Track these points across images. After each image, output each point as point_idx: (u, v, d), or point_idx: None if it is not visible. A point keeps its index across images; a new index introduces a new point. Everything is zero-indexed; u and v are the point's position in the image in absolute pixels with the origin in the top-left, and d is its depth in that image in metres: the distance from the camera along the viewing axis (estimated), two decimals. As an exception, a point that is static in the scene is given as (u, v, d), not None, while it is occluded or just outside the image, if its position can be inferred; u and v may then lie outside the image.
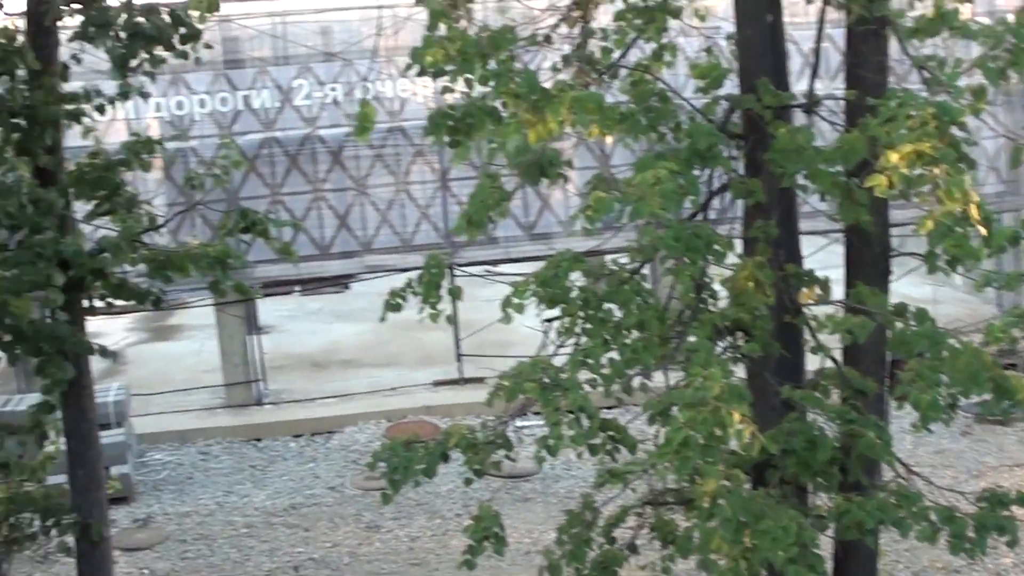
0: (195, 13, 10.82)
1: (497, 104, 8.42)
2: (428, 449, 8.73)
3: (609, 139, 8.72)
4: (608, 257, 9.55)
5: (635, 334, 8.43)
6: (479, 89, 8.58)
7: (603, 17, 10.61)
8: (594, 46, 10.05)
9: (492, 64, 8.48)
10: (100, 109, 12.26)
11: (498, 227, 23.40)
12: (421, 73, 8.58)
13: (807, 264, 9.54)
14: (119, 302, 12.77)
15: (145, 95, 12.63)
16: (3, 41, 11.38)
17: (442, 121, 8.55)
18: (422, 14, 9.02)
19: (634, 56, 9.71)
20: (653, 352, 8.31)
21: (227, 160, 12.90)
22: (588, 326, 8.52)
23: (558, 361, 8.61)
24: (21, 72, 11.89)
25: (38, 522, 12.66)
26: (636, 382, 8.72)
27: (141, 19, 11.71)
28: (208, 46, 12.26)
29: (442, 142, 8.64)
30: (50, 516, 12.54)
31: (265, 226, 12.65)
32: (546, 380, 8.33)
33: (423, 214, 23.72)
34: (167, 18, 11.84)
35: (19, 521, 12.72)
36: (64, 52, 12.40)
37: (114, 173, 12.51)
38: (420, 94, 23.22)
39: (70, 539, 12.74)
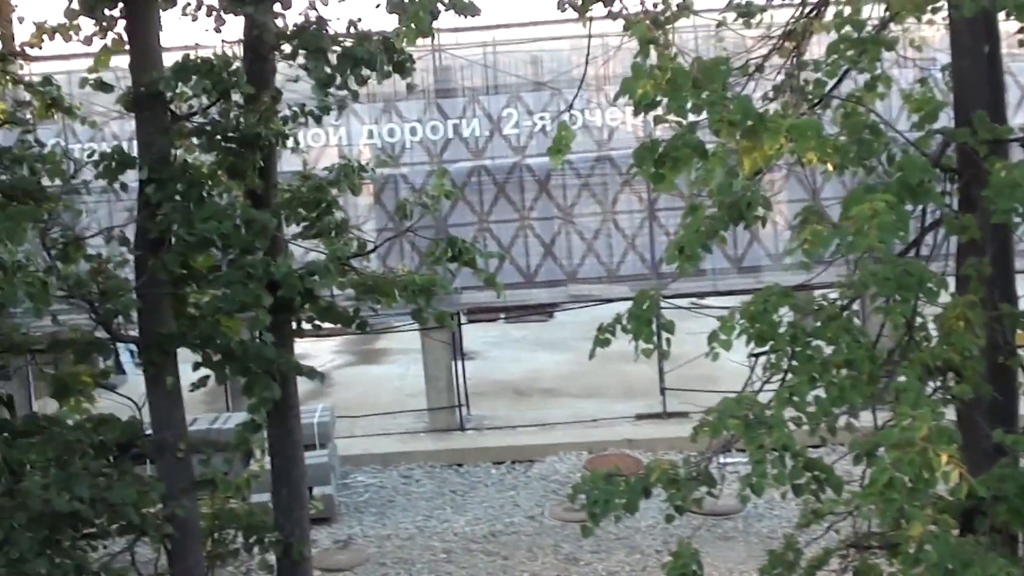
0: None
1: (705, 137, 8.38)
2: (629, 483, 8.69)
3: (829, 166, 8.55)
4: (817, 293, 9.43)
5: (843, 372, 8.28)
6: (689, 119, 8.55)
7: (816, 47, 10.51)
8: (806, 76, 9.96)
9: (704, 94, 8.45)
10: (303, 123, 12.56)
11: (706, 259, 23.36)
12: (634, 106, 8.57)
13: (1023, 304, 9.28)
14: (326, 325, 13.05)
15: (343, 107, 12.86)
16: (220, 66, 11.72)
17: (648, 154, 8.54)
18: (632, 43, 9.05)
19: (847, 87, 9.59)
20: (861, 391, 8.14)
21: (437, 189, 13.07)
22: (795, 362, 8.40)
23: (764, 397, 8.51)
24: (236, 97, 12.26)
25: (241, 539, 12.99)
26: (842, 421, 8.56)
27: (352, 44, 12.00)
28: (413, 70, 12.49)
29: (647, 175, 8.62)
30: (253, 533, 12.85)
31: (472, 256, 12.80)
32: (751, 416, 8.21)
33: (629, 244, 23.71)
34: (379, 44, 12.10)
35: (223, 537, 13.07)
36: (281, 80, 12.77)
37: (324, 194, 12.81)
38: (628, 123, 23.28)
39: (272, 557, 13.04)
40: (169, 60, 12.19)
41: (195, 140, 12.46)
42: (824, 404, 8.28)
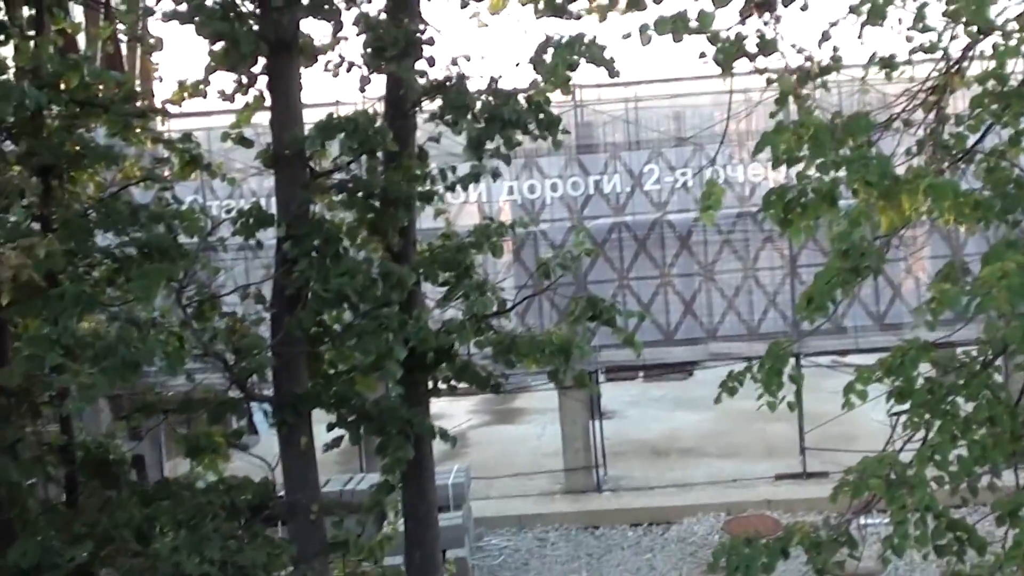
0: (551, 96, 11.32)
1: (834, 186, 8.41)
2: (768, 546, 8.69)
3: (964, 228, 8.55)
4: (959, 349, 9.36)
5: (984, 430, 8.23)
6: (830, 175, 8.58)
7: (959, 101, 10.48)
8: (949, 131, 9.93)
9: (845, 150, 8.48)
10: (451, 188, 12.72)
11: (847, 315, 23.26)
12: (774, 160, 8.62)
13: None
14: (463, 384, 13.14)
15: (496, 175, 12.97)
16: (364, 124, 11.91)
17: (777, 200, 8.58)
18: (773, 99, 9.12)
19: (990, 141, 9.55)
20: (1003, 449, 8.09)
21: (577, 246, 13.16)
22: (935, 420, 8.36)
23: (904, 456, 8.46)
24: (379, 154, 12.48)
25: (373, 602, 13.09)
26: (984, 480, 8.50)
27: (497, 103, 12.15)
28: (565, 131, 12.58)
29: (775, 220, 8.65)
30: (386, 597, 12.94)
31: (612, 315, 12.85)
32: (892, 476, 8.19)
33: (771, 301, 23.63)
34: (523, 103, 12.23)
35: (354, 600, 13.16)
36: (420, 136, 12.98)
37: (465, 255, 12.91)
38: (771, 178, 23.23)
39: (405, 619, 13.10)
40: (309, 117, 12.47)
41: (335, 197, 12.69)
42: (966, 463, 8.23)
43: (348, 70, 12.85)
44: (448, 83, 12.41)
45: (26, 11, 11.75)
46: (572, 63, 11.40)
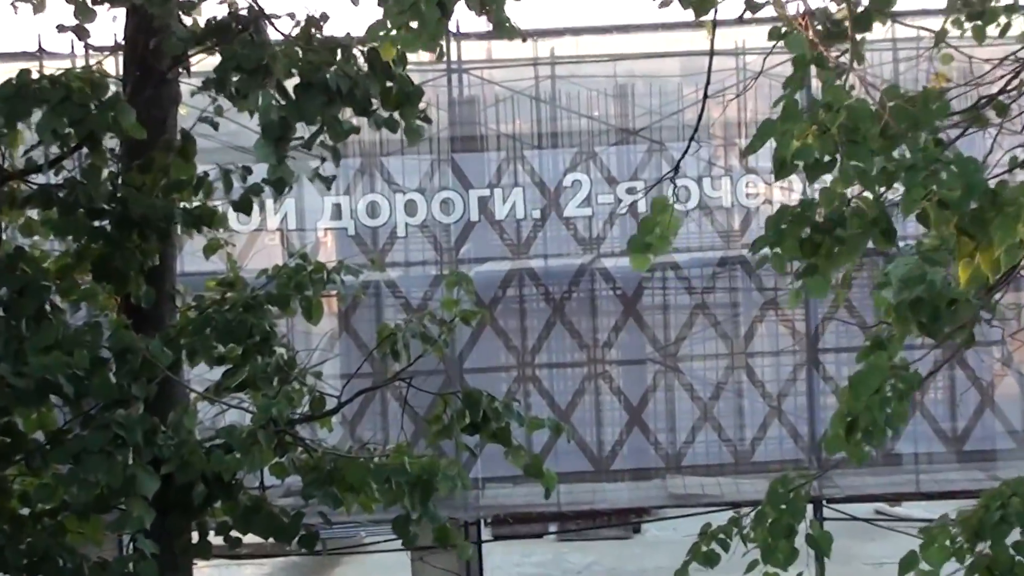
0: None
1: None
2: None
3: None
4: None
5: None
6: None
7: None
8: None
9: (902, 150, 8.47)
10: (241, 206, 12.63)
11: (902, 437, 23.29)
12: (781, 168, 8.53)
13: None
14: (251, 537, 13.02)
15: (325, 180, 12.93)
16: (83, 91, 11.75)
17: (790, 230, 8.52)
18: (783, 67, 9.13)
19: None
20: None
21: (448, 306, 13.10)
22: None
23: None
24: (112, 145, 12.36)
25: None
26: None
27: (316, 61, 12.06)
28: (425, 118, 12.52)
29: (781, 268, 8.60)
30: None
31: (506, 424, 12.79)
32: None
33: (773, 407, 23.70)
34: (361, 62, 12.16)
35: None
36: (186, 117, 12.90)
37: (258, 318, 12.82)
38: (776, 201, 23.26)
39: None
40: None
41: (35, 215, 12.54)
42: None
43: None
44: (233, 26, 12.32)
45: None
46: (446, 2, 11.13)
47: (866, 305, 20.02)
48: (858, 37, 10.04)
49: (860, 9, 10.18)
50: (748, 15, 9.86)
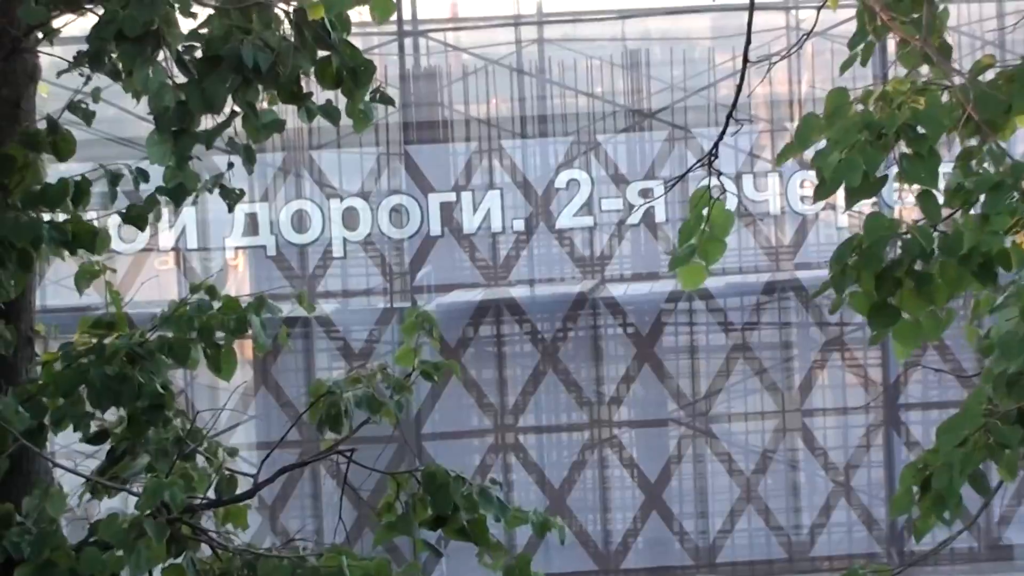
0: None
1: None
2: None
3: None
4: None
5: None
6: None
7: None
8: None
9: (999, 151, 8.47)
10: (134, 219, 12.64)
11: (1012, 520, 23.25)
12: (820, 187, 8.52)
13: None
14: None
15: (232, 196, 12.94)
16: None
17: (862, 265, 8.52)
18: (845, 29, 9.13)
19: None
20: None
21: (403, 358, 13.09)
22: None
23: None
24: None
25: None
26: None
27: (226, 23, 12.03)
28: (383, 96, 12.50)
29: (861, 310, 8.60)
30: None
31: (479, 516, 12.77)
32: None
33: (839, 484, 23.74)
34: (291, 30, 12.12)
35: None
36: (51, 101, 12.90)
37: (152, 371, 12.80)
38: (840, 208, 23.26)
39: None
40: None
41: None
42: None
43: None
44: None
45: None
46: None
47: (961, 345, 19.96)
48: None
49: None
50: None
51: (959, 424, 8.71)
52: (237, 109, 11.99)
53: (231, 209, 13.50)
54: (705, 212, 8.55)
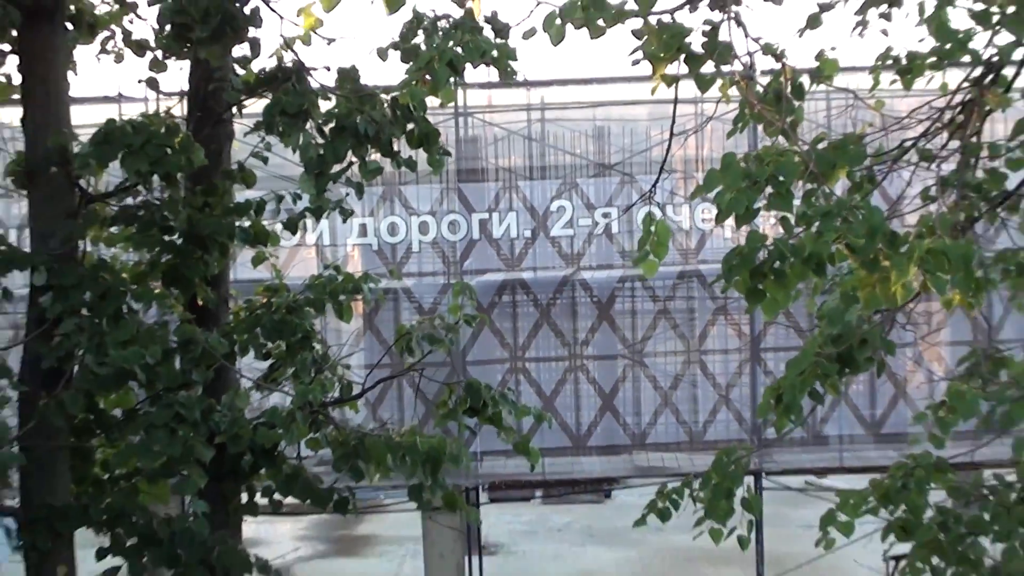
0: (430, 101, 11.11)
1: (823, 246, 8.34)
2: None
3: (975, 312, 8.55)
4: (987, 472, 9.35)
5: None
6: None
7: (997, 126, 10.49)
8: (982, 167, 9.90)
9: (830, 190, 8.44)
10: (291, 226, 12.59)
11: (828, 420, 23.28)
12: (719, 214, 8.53)
13: None
14: (289, 499, 12.95)
15: (347, 213, 12.88)
16: (161, 137, 11.69)
17: (743, 263, 8.52)
18: (732, 114, 9.08)
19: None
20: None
21: (454, 311, 13.04)
22: (948, 567, 8.34)
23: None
24: (181, 174, 12.31)
25: None
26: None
27: (350, 107, 11.99)
28: (446, 152, 12.48)
29: (742, 291, 8.57)
30: None
31: (499, 411, 12.75)
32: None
33: (722, 396, 23.60)
34: (388, 110, 12.10)
35: None
36: (240, 151, 12.86)
37: (298, 319, 12.78)
38: (728, 225, 23.24)
39: None
40: (81, 117, 12.27)
41: (116, 231, 12.52)
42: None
43: (139, 53, 12.69)
44: (279, 77, 12.27)
45: None
46: (456, 59, 10.97)
47: (801, 311, 19.98)
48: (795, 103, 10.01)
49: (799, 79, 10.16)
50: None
51: (800, 361, 8.72)
52: (354, 160, 11.98)
53: (345, 220, 13.59)
54: (652, 228, 8.57)
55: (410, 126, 12.19)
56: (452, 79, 10.83)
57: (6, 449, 11.36)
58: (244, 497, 12.70)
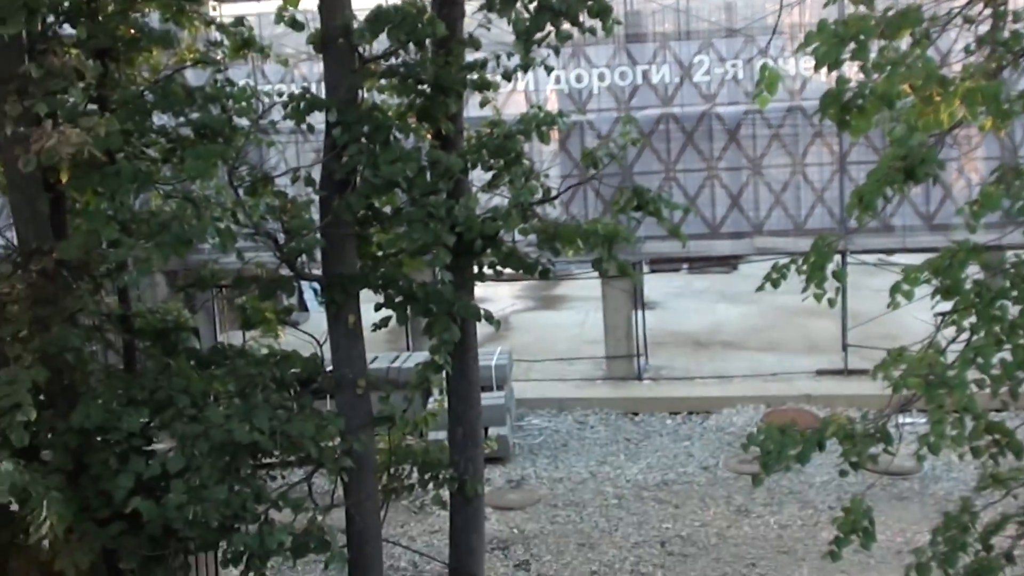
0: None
1: (891, 87, 8.19)
2: (804, 436, 8.62)
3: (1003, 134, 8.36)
4: (1010, 253, 9.20)
5: (1029, 334, 8.09)
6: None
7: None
8: (1009, 28, 9.64)
9: (898, 45, 8.27)
10: (507, 77, 12.50)
11: (895, 214, 22.97)
12: (816, 64, 8.39)
13: None
14: (507, 270, 13.06)
15: (548, 68, 12.75)
16: (412, 15, 11.72)
17: (833, 101, 8.39)
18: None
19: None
20: (1049, 356, 7.96)
21: (624, 136, 12.94)
22: (980, 322, 8.23)
23: (947, 357, 8.35)
24: (427, 42, 12.29)
25: (416, 474, 13.20)
26: (1026, 385, 8.36)
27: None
28: (617, 21, 12.29)
29: (834, 120, 8.46)
30: (428, 470, 13.04)
31: (658, 206, 12.66)
32: (932, 376, 8.09)
33: (818, 197, 23.32)
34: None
35: (399, 472, 13.27)
36: (470, 24, 12.77)
37: (513, 143, 12.73)
38: (823, 72, 22.74)
39: (446, 493, 13.18)
40: (358, 3, 12.26)
41: (384, 82, 12.55)
42: (1009, 368, 8.12)
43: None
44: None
45: None
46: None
47: (876, 135, 19.56)
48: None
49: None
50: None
51: (876, 172, 8.57)
52: (551, 28, 11.89)
53: (549, 73, 13.32)
54: (766, 74, 8.45)
55: (590, 2, 12.01)
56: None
57: (311, 235, 11.62)
58: (475, 269, 12.79)
